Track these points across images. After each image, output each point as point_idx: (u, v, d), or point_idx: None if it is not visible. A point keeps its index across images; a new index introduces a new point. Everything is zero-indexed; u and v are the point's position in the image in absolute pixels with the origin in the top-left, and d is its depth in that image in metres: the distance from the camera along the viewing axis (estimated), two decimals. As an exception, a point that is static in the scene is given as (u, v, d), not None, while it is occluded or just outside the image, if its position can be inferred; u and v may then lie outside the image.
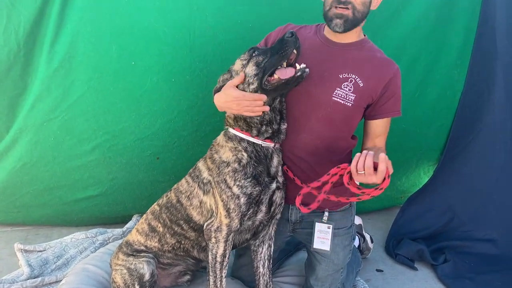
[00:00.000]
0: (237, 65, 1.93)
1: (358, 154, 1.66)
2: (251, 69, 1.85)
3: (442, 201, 3.05)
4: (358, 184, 1.77)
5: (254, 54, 1.87)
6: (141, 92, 2.57)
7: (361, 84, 1.94)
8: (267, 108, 1.84)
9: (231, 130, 1.94)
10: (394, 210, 3.27)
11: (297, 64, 1.81)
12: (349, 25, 1.92)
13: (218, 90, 1.99)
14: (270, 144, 1.90)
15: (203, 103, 2.65)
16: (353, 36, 2.00)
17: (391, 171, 1.63)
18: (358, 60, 1.98)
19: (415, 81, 2.86)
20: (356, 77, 1.94)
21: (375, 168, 1.61)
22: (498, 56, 2.76)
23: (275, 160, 1.95)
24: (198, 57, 2.56)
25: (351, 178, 1.75)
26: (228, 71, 1.99)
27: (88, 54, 2.45)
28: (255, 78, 1.84)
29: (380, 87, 1.96)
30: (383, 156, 1.60)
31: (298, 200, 1.92)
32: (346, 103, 1.94)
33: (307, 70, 1.79)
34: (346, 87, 1.94)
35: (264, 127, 1.88)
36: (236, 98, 1.84)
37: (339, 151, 2.06)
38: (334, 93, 1.95)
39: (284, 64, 1.83)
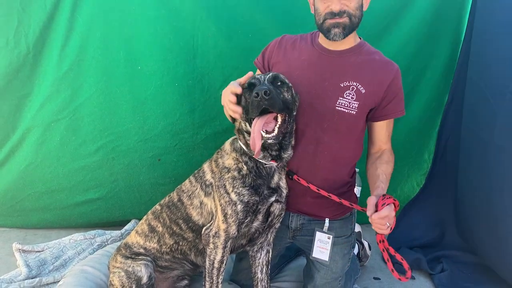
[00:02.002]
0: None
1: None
2: (243, 101, 1.83)
3: (434, 213, 3.06)
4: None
5: (244, 87, 1.84)
6: (146, 95, 2.70)
7: (363, 91, 1.93)
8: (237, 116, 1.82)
9: (239, 141, 1.94)
10: (390, 222, 3.29)
11: (262, 133, 1.72)
12: (348, 31, 1.90)
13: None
14: (273, 164, 1.89)
15: (204, 107, 2.77)
16: (350, 41, 1.98)
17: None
18: (357, 66, 1.96)
19: (404, 92, 2.96)
20: (358, 84, 1.93)
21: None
22: (487, 73, 2.82)
23: (276, 177, 1.96)
24: (200, 63, 2.71)
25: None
26: None
27: (97, 58, 2.61)
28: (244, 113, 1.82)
29: (382, 91, 1.95)
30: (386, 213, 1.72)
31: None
32: (350, 111, 1.93)
33: (269, 141, 1.76)
34: (349, 95, 1.93)
35: (261, 154, 1.85)
36: (224, 91, 1.90)
37: (345, 162, 2.07)
38: (338, 103, 1.93)
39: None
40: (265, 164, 1.88)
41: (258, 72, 2.19)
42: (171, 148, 2.82)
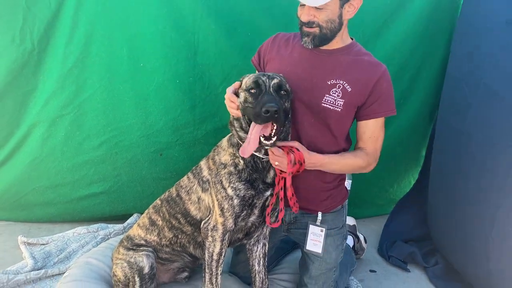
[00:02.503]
0: (243, 83, 1.95)
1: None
2: (242, 98, 1.89)
3: (425, 207, 3.12)
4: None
5: (249, 87, 1.88)
6: (148, 92, 2.77)
7: (349, 89, 1.98)
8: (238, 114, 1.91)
9: (233, 134, 2.00)
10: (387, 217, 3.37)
11: (261, 138, 1.80)
12: (318, 41, 1.97)
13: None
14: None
15: (204, 103, 2.83)
16: (337, 43, 2.04)
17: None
18: (345, 65, 2.02)
19: (400, 89, 3.04)
20: (344, 82, 1.98)
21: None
22: (463, 65, 2.81)
23: (272, 172, 2.01)
24: (201, 60, 2.77)
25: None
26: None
27: (101, 55, 2.67)
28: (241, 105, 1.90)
29: (367, 90, 1.99)
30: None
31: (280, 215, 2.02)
32: (336, 109, 1.99)
33: (266, 147, 1.86)
34: (335, 93, 1.98)
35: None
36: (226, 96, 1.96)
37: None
38: (324, 100, 1.99)
39: None
40: (262, 158, 1.93)
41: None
42: (173, 143, 2.89)
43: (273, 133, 1.82)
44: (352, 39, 2.13)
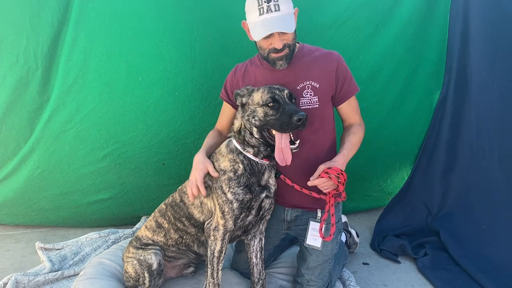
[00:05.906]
0: (256, 98, 2.06)
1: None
2: (261, 113, 2.02)
3: (418, 200, 3.29)
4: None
5: (268, 102, 2.03)
6: (148, 105, 2.82)
7: (317, 85, 2.17)
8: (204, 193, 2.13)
9: (234, 142, 2.15)
10: (381, 211, 3.50)
11: (292, 146, 2.01)
12: (290, 58, 2.15)
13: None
14: (265, 162, 2.13)
15: (203, 113, 2.89)
16: None
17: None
18: (304, 67, 2.20)
19: (395, 92, 3.11)
20: (311, 81, 2.18)
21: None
22: (471, 74, 2.94)
23: (266, 175, 2.17)
24: (199, 72, 2.81)
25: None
26: (247, 90, 2.13)
27: (100, 71, 2.70)
28: (258, 122, 2.04)
29: (333, 79, 2.20)
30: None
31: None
32: (314, 106, 2.18)
33: (294, 151, 2.02)
34: (307, 94, 2.18)
35: (261, 148, 2.09)
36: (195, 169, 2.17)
37: (326, 149, 2.28)
38: (301, 103, 2.18)
39: None
40: (258, 161, 2.10)
41: (225, 104, 2.39)
42: (174, 153, 2.98)
43: (293, 138, 2.03)
44: (298, 43, 2.26)
